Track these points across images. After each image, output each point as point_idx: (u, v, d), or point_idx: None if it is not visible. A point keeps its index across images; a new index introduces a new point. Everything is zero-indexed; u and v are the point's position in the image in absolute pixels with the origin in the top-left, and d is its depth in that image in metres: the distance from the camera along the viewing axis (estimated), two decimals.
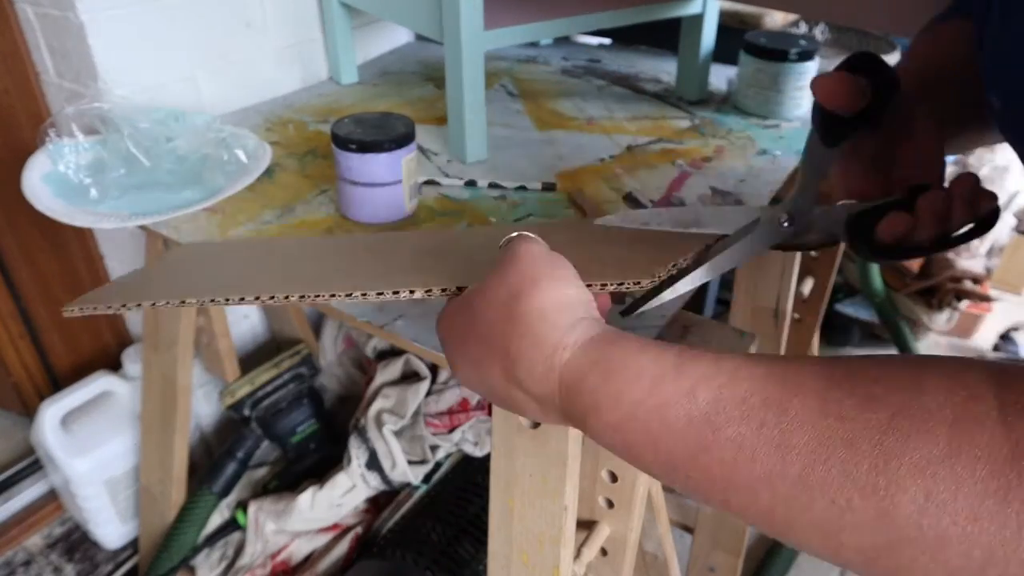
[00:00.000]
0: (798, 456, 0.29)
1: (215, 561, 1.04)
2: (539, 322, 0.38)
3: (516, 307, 0.38)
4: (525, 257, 0.40)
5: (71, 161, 0.80)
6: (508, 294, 0.39)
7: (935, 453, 0.27)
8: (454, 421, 1.01)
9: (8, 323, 1.11)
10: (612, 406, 0.34)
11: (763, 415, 0.30)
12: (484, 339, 0.40)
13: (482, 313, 0.40)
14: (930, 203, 0.46)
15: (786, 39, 0.98)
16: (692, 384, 0.33)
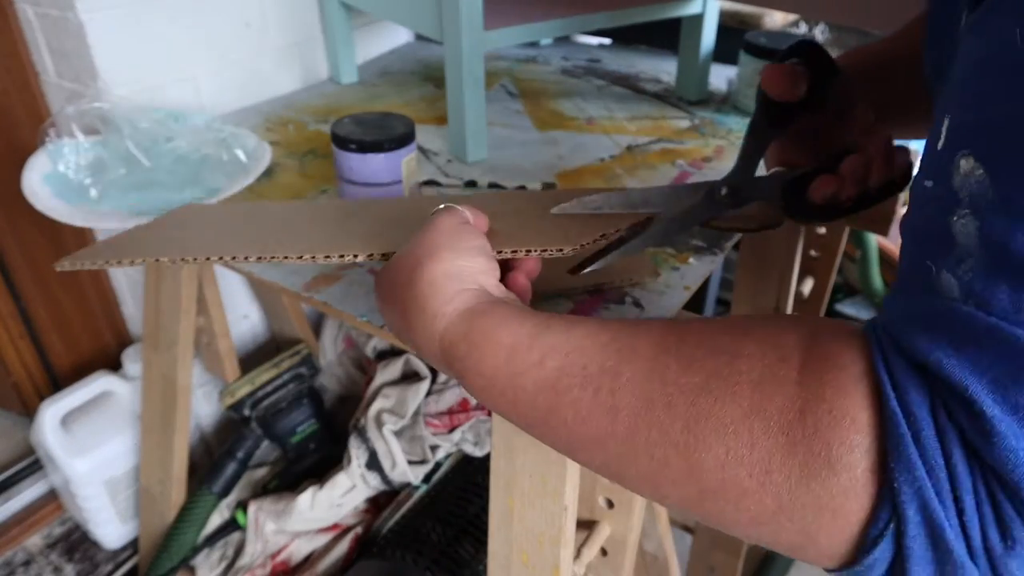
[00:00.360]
0: (625, 417, 0.33)
1: (215, 561, 1.04)
2: (428, 289, 0.41)
3: (414, 274, 0.42)
4: (435, 228, 0.45)
5: (71, 161, 0.80)
6: (412, 262, 0.43)
7: (737, 413, 0.29)
8: (454, 421, 1.01)
9: (8, 323, 1.11)
10: (476, 372, 0.38)
11: (599, 381, 0.34)
12: (394, 301, 0.43)
13: (394, 278, 0.44)
14: (851, 164, 0.51)
15: (786, 39, 0.98)
16: (542, 354, 0.36)
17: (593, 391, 0.34)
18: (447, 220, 0.46)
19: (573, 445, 0.36)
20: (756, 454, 0.29)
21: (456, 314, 0.40)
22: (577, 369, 0.35)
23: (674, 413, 0.31)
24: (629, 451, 0.33)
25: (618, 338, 0.35)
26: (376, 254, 0.52)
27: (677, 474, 0.31)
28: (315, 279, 0.66)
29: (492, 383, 0.38)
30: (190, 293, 0.88)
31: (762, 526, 0.30)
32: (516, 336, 0.38)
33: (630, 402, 0.33)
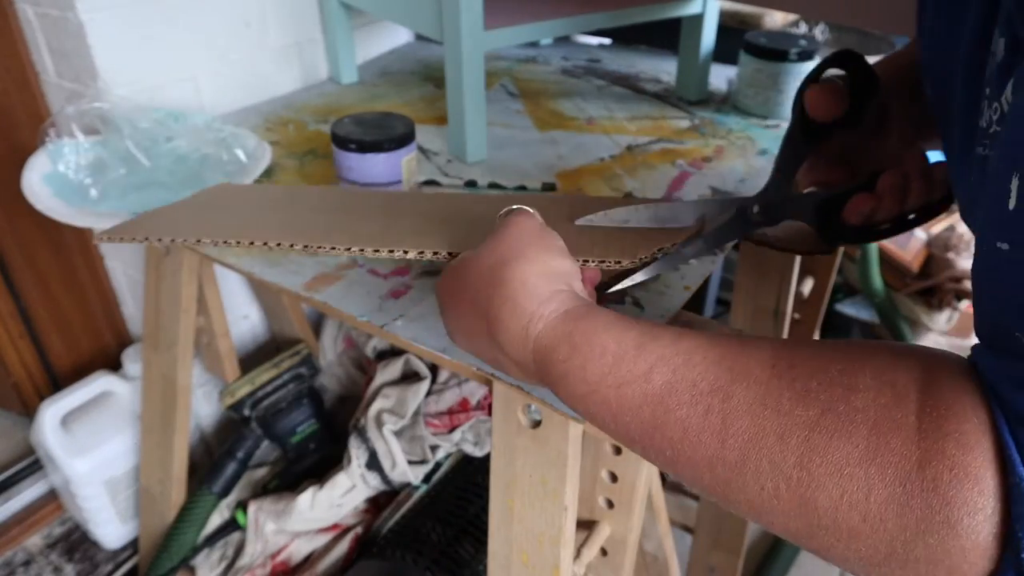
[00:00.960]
0: (735, 444, 0.32)
1: (215, 561, 1.04)
2: (520, 290, 0.40)
3: (501, 274, 0.41)
4: (517, 228, 0.43)
5: (71, 161, 0.80)
6: (496, 261, 0.42)
7: (853, 455, 0.29)
8: (454, 421, 1.01)
9: (8, 323, 1.11)
10: (578, 379, 0.37)
11: (709, 401, 0.33)
12: (472, 303, 0.42)
13: (472, 278, 0.42)
14: (888, 181, 0.49)
15: (786, 39, 0.98)
16: (649, 366, 0.35)
17: (703, 411, 0.33)
18: (529, 221, 0.44)
19: (678, 463, 0.34)
20: (872, 500, 0.28)
21: (555, 316, 0.39)
22: (686, 386, 0.34)
23: (787, 446, 0.30)
24: (737, 478, 0.32)
25: (728, 355, 0.34)
26: (442, 252, 0.51)
27: (788, 507, 0.30)
28: (315, 279, 0.66)
29: (595, 391, 0.36)
30: (190, 293, 0.88)
31: (871, 567, 0.30)
32: (621, 343, 0.36)
33: (742, 428, 0.32)
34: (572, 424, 0.54)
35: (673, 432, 0.33)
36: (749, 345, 0.34)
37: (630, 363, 0.35)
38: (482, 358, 0.45)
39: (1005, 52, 0.30)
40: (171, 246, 0.82)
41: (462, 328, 0.44)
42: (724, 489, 0.33)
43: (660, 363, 0.35)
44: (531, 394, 0.53)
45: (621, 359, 0.36)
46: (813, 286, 1.14)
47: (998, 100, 0.31)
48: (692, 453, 0.33)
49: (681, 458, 0.34)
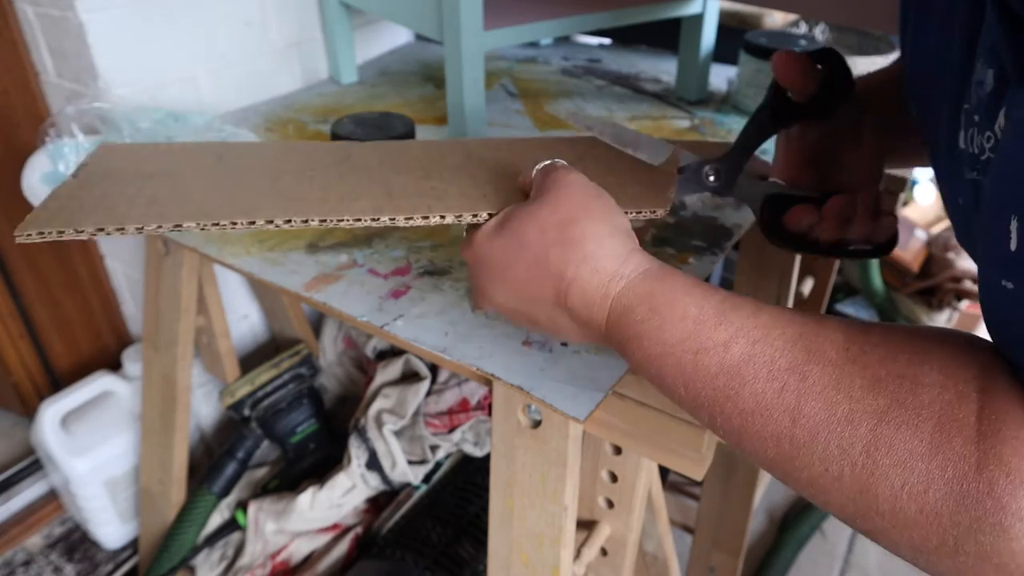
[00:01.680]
0: (807, 424, 0.32)
1: (215, 561, 1.04)
2: (598, 249, 0.40)
3: (571, 232, 0.40)
4: (575, 185, 0.43)
5: (71, 161, 0.80)
6: (562, 219, 0.41)
7: (918, 450, 0.30)
8: (454, 421, 1.01)
9: (8, 323, 1.11)
10: (654, 339, 0.37)
11: (786, 379, 0.33)
12: (535, 263, 0.41)
13: (533, 238, 0.41)
14: (834, 205, 0.50)
15: (786, 39, 0.98)
16: (729, 336, 0.35)
17: (779, 388, 0.33)
18: (580, 177, 0.44)
19: (743, 435, 0.35)
20: (930, 494, 0.29)
21: (636, 275, 0.39)
22: (764, 361, 0.34)
23: (856, 433, 0.31)
24: (803, 456, 0.33)
25: (805, 335, 0.34)
26: (482, 214, 0.47)
27: (849, 490, 0.31)
28: (315, 279, 0.66)
29: (670, 353, 0.36)
30: (190, 293, 0.88)
31: (920, 554, 0.31)
32: (703, 309, 0.36)
33: (814, 409, 0.32)
34: (572, 424, 0.54)
35: (746, 404, 0.34)
36: (824, 326, 0.35)
37: (710, 330, 0.36)
38: (531, 318, 0.44)
39: (994, 83, 0.31)
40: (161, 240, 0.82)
41: (517, 290, 0.43)
42: (786, 465, 0.33)
43: (739, 335, 0.35)
44: (531, 394, 0.53)
45: (701, 325, 0.36)
46: (813, 286, 1.14)
47: (991, 129, 0.32)
48: (761, 428, 0.34)
49: (749, 430, 0.34)
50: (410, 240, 0.72)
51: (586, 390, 0.53)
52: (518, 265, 0.42)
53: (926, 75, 0.44)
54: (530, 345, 0.58)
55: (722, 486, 1.14)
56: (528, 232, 0.42)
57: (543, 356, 0.56)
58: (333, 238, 0.73)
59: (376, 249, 0.71)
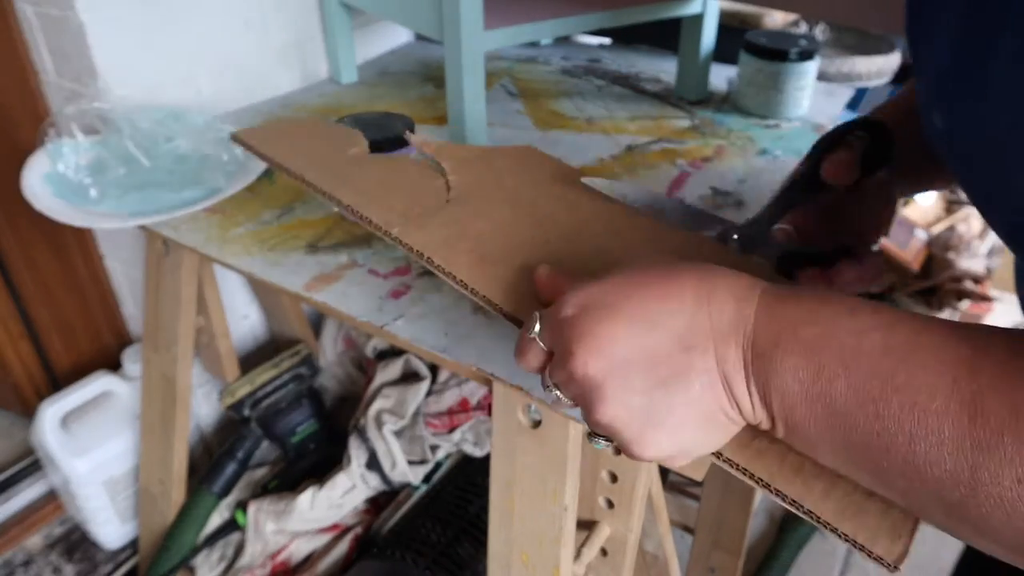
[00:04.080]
0: (989, 423, 0.28)
1: (215, 561, 1.04)
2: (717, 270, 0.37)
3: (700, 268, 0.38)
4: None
5: (71, 161, 0.80)
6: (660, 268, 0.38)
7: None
8: (454, 421, 1.01)
9: (8, 323, 1.11)
10: (810, 321, 0.33)
11: (956, 371, 0.29)
12: (664, 284, 0.36)
13: (654, 268, 0.38)
14: (845, 275, 0.51)
15: (786, 39, 0.98)
16: (892, 319, 0.32)
17: (951, 380, 0.29)
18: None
19: (915, 439, 0.29)
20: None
21: (769, 287, 0.36)
22: (930, 346, 0.30)
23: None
24: (989, 462, 0.28)
25: (964, 330, 0.31)
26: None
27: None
28: (315, 279, 0.66)
29: (830, 334, 0.32)
30: (190, 293, 0.88)
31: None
32: (851, 300, 0.34)
33: (993, 406, 0.28)
34: (572, 424, 0.54)
35: (917, 396, 0.29)
36: (981, 327, 0.32)
37: (869, 314, 0.32)
38: (650, 342, 0.35)
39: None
40: (161, 240, 0.82)
41: (643, 309, 0.36)
42: (971, 477, 0.28)
43: (902, 320, 0.32)
44: (531, 394, 0.53)
45: (857, 308, 0.33)
46: None
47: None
48: (938, 425, 0.29)
49: (923, 431, 0.29)
50: None
51: None
52: (645, 285, 0.37)
53: (951, 65, 0.43)
54: None
55: (722, 486, 1.14)
56: (646, 271, 0.37)
57: None
58: (333, 238, 0.73)
59: (376, 249, 0.71)
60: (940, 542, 1.44)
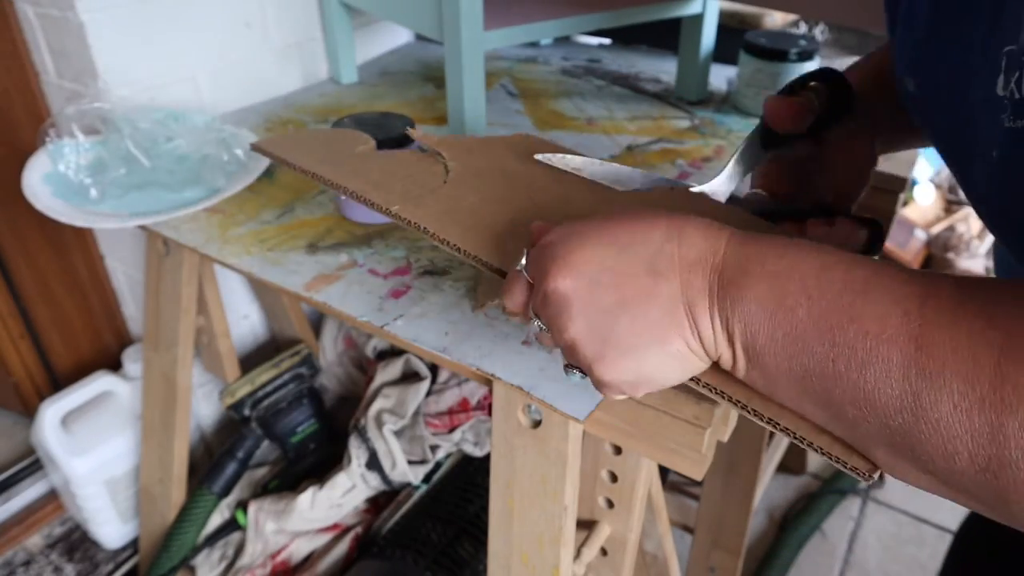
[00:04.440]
0: (932, 353, 0.30)
1: (215, 561, 1.04)
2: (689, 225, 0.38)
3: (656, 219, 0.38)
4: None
5: (71, 161, 0.80)
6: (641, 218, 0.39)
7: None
8: (454, 421, 1.01)
9: (8, 323, 1.11)
10: (777, 256, 0.35)
11: (907, 305, 0.31)
12: (639, 218, 0.38)
13: (627, 211, 0.40)
14: (815, 232, 0.50)
15: (786, 39, 0.98)
16: (852, 259, 0.34)
17: (902, 313, 0.31)
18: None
19: (868, 365, 0.31)
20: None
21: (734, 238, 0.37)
22: (886, 285, 0.32)
23: (980, 368, 0.29)
24: (930, 391, 0.30)
25: (917, 272, 0.33)
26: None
27: (979, 430, 0.29)
28: (315, 279, 0.66)
29: (794, 267, 0.34)
30: (190, 293, 0.88)
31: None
32: (816, 245, 0.36)
33: (938, 339, 0.30)
34: (572, 424, 0.54)
35: (871, 325, 0.31)
36: (931, 272, 0.34)
37: (832, 253, 0.34)
38: (618, 273, 0.37)
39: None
40: (161, 240, 0.82)
41: (610, 237, 0.38)
42: (914, 402, 0.30)
43: (860, 260, 0.34)
44: (531, 394, 0.53)
45: (821, 248, 0.35)
46: None
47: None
48: (887, 352, 0.31)
49: (874, 358, 0.31)
50: (410, 240, 0.72)
51: (586, 390, 0.53)
52: (620, 219, 0.38)
53: (927, 36, 0.44)
54: (530, 345, 0.58)
55: (722, 486, 1.14)
56: (612, 220, 0.39)
57: (543, 356, 0.56)
58: (333, 238, 0.73)
59: (376, 249, 0.71)
60: (939, 544, 1.44)
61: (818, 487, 1.53)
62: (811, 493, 1.52)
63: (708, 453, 0.52)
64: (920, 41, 0.45)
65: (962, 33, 0.39)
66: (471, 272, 0.67)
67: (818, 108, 0.52)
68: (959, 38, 0.40)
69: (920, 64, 0.45)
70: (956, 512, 1.48)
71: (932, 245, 2.10)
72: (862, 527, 1.47)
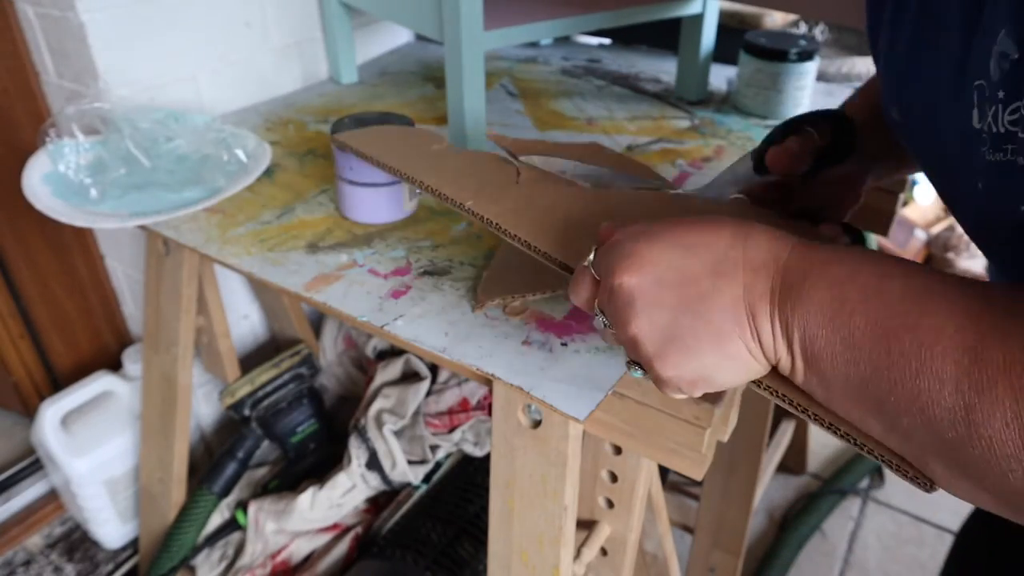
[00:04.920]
0: (985, 368, 0.30)
1: (215, 561, 1.04)
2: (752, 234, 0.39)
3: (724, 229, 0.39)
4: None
5: (71, 161, 0.80)
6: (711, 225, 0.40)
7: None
8: (454, 421, 1.01)
9: (8, 323, 1.11)
10: (838, 262, 0.35)
11: (962, 317, 0.31)
12: (707, 223, 0.39)
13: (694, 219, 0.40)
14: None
15: (786, 39, 0.98)
16: (912, 269, 0.34)
17: (957, 327, 0.31)
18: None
19: (921, 374, 0.31)
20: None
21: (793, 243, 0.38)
22: (940, 293, 0.32)
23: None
24: (983, 404, 0.30)
25: (972, 282, 0.33)
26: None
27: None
28: (315, 279, 0.66)
29: (855, 273, 0.34)
30: (190, 293, 0.88)
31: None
32: (875, 253, 0.36)
33: (992, 355, 0.30)
34: (572, 424, 0.54)
35: (926, 336, 0.31)
36: (983, 283, 0.34)
37: (892, 263, 0.34)
38: (684, 272, 0.38)
39: (1020, 51, 0.30)
40: (161, 240, 0.82)
41: (678, 241, 0.39)
42: (967, 416, 0.30)
43: (919, 271, 0.34)
44: (531, 394, 0.53)
45: (881, 257, 0.35)
46: None
47: (1020, 99, 0.31)
48: (941, 364, 0.31)
49: (928, 369, 0.31)
50: (410, 240, 0.72)
51: (586, 390, 0.53)
52: (691, 228, 0.39)
53: (906, 66, 0.44)
54: (530, 345, 0.58)
55: (722, 486, 1.14)
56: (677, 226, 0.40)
57: (543, 356, 0.56)
58: (333, 238, 0.73)
59: (376, 249, 0.71)
60: (939, 544, 1.44)
61: (818, 487, 1.53)
62: (811, 493, 1.52)
63: (708, 453, 0.52)
64: (901, 73, 0.45)
65: (938, 65, 0.40)
66: (471, 272, 0.67)
67: (818, 150, 0.53)
68: (935, 70, 0.40)
69: (901, 95, 0.46)
70: (956, 512, 1.48)
71: (932, 245, 2.10)
72: (862, 527, 1.47)
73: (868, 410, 0.34)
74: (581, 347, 0.57)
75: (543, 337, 0.58)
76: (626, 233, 0.41)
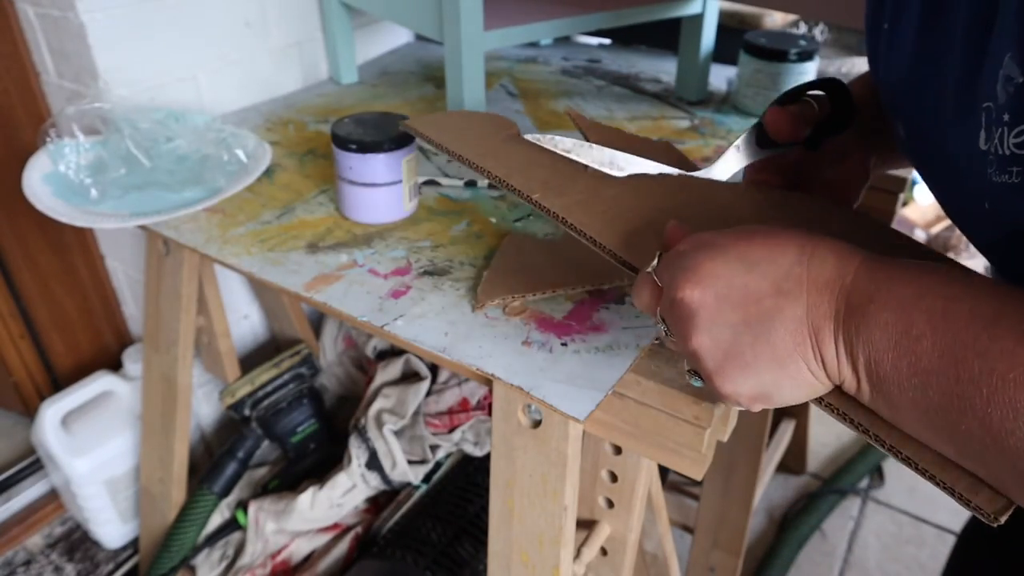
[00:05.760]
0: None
1: (215, 561, 1.04)
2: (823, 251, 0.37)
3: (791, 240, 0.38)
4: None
5: (71, 161, 0.80)
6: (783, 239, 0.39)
7: None
8: (454, 421, 1.01)
9: (8, 323, 1.11)
10: (905, 282, 0.34)
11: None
12: (772, 236, 0.38)
13: (760, 231, 0.39)
14: None
15: (786, 39, 0.98)
16: (982, 289, 0.32)
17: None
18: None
19: (992, 403, 0.30)
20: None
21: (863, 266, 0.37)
22: (1015, 316, 0.31)
23: None
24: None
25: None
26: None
27: None
28: (315, 279, 0.66)
29: (922, 295, 0.33)
30: (190, 293, 0.88)
31: None
32: (943, 267, 0.35)
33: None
34: (572, 424, 0.54)
35: (997, 363, 0.30)
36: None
37: (960, 281, 0.33)
38: (746, 291, 0.37)
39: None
40: (161, 240, 0.82)
41: (741, 256, 0.38)
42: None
43: (989, 292, 0.32)
44: (531, 394, 0.53)
45: (951, 276, 0.34)
46: None
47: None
48: (1014, 393, 0.30)
49: (1000, 397, 0.30)
50: (410, 240, 0.72)
51: (586, 390, 0.53)
52: (754, 240, 0.38)
53: (907, 83, 0.44)
54: (530, 345, 0.58)
55: (722, 486, 1.14)
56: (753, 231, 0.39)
57: (543, 356, 0.56)
58: (333, 238, 0.73)
59: (376, 249, 0.71)
60: (939, 544, 1.44)
61: (818, 487, 1.53)
62: (811, 493, 1.52)
63: (708, 453, 0.52)
64: (902, 81, 0.45)
65: (943, 84, 0.40)
66: (471, 272, 0.67)
67: (818, 118, 0.52)
68: (939, 88, 0.40)
69: (902, 109, 0.46)
70: (956, 512, 1.47)
71: (932, 245, 2.10)
72: (862, 527, 1.47)
73: (938, 434, 0.34)
74: (581, 347, 0.57)
75: (543, 337, 0.58)
76: (691, 243, 0.40)
